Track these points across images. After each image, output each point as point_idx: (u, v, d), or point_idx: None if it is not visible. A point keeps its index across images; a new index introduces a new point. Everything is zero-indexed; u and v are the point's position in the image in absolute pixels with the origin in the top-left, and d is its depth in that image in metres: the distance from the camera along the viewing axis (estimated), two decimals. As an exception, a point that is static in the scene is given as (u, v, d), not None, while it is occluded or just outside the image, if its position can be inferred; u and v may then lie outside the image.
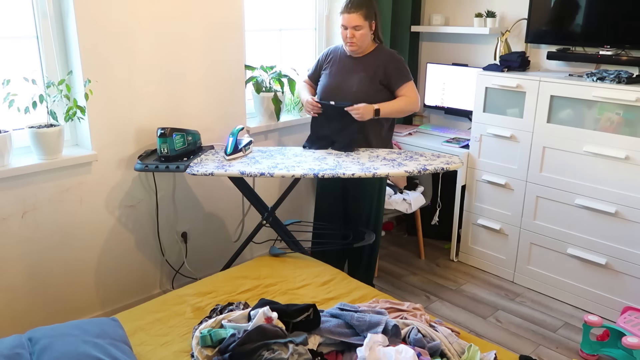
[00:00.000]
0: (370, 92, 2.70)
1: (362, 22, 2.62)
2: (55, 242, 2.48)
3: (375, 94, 2.70)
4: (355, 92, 2.70)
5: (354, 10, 2.61)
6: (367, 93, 2.69)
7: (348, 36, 2.66)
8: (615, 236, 2.75)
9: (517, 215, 3.13)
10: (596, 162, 2.75)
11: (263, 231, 2.85)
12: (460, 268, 3.42)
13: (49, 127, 2.33)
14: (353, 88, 2.71)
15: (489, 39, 3.46)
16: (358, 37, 2.65)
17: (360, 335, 1.74)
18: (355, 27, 2.62)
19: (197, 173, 2.39)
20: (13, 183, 2.30)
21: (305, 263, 2.46)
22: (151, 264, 2.87)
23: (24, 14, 2.33)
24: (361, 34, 2.64)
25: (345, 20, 2.64)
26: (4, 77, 2.26)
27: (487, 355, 1.72)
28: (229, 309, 1.95)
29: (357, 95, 2.68)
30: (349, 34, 2.65)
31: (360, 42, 2.67)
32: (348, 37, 2.66)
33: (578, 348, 2.61)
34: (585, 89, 2.73)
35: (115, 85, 2.51)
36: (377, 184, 2.89)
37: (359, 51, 2.72)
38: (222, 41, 2.86)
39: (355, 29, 2.63)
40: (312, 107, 2.71)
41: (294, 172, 2.37)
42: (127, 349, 1.67)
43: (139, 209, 2.75)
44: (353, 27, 2.63)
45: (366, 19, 2.63)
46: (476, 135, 3.22)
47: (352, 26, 2.62)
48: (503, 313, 2.93)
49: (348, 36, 2.66)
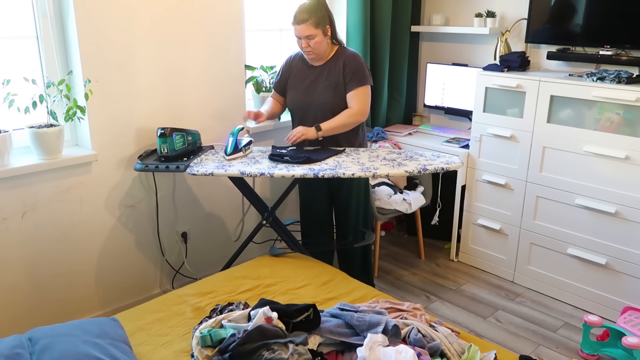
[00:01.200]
0: (337, 101, 2.67)
1: (314, 30, 2.56)
2: (55, 242, 2.48)
3: (343, 102, 2.68)
4: (322, 103, 2.68)
5: (302, 21, 2.54)
6: (335, 103, 2.67)
7: (303, 46, 2.61)
8: (615, 236, 2.75)
9: (517, 215, 3.13)
10: (596, 162, 2.75)
11: (263, 231, 2.85)
12: (460, 268, 3.42)
13: (49, 127, 2.33)
14: (319, 100, 2.69)
15: (489, 39, 3.46)
16: (313, 45, 2.59)
17: (360, 335, 1.74)
18: (308, 37, 2.57)
19: (197, 173, 2.39)
20: (13, 183, 2.30)
21: (305, 263, 2.46)
22: (151, 264, 2.87)
23: (24, 14, 2.33)
24: (315, 42, 2.58)
25: (297, 31, 2.58)
26: (4, 77, 2.26)
27: (487, 355, 1.72)
28: (229, 309, 1.95)
29: (325, 107, 2.66)
30: (304, 43, 2.59)
31: (316, 50, 2.62)
32: (303, 46, 2.61)
33: (578, 348, 2.61)
34: (585, 89, 2.73)
35: (115, 85, 2.51)
36: (360, 183, 2.88)
37: (318, 58, 2.68)
38: (222, 41, 2.86)
39: (308, 39, 2.58)
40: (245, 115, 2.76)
41: (294, 172, 2.37)
42: (127, 349, 1.67)
43: (139, 209, 2.75)
44: (306, 37, 2.57)
45: (317, 27, 2.56)
46: (476, 135, 3.22)
47: (304, 36, 2.57)
48: (503, 313, 2.93)
49: (303, 46, 2.61)
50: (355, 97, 2.66)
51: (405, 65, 3.71)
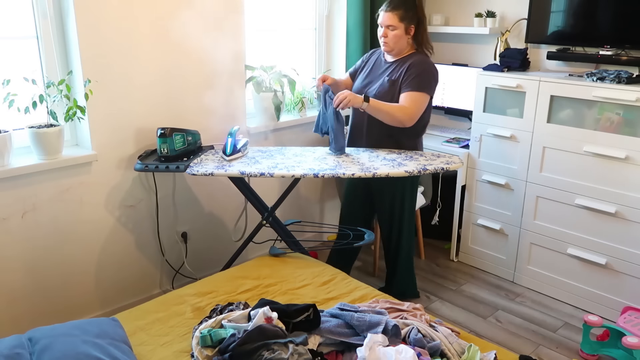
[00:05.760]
0: (389, 96, 2.61)
1: (397, 23, 2.55)
2: (55, 242, 2.48)
3: (393, 98, 2.62)
4: (375, 94, 2.64)
5: (390, 10, 2.55)
6: (386, 97, 2.61)
7: (382, 34, 2.61)
8: (615, 236, 2.75)
9: (517, 215, 3.13)
10: (596, 162, 2.75)
11: (263, 231, 2.85)
12: (460, 268, 3.42)
13: (49, 127, 2.33)
14: (374, 89, 2.67)
15: (489, 39, 3.46)
16: (390, 37, 2.59)
17: (360, 335, 1.74)
18: (389, 27, 2.57)
19: (197, 173, 2.39)
20: (13, 183, 2.30)
21: (305, 263, 2.46)
22: (151, 264, 2.87)
23: (24, 14, 2.33)
24: (394, 34, 2.58)
25: (381, 18, 2.60)
26: (4, 77, 2.26)
27: (487, 355, 1.72)
28: (229, 309, 1.94)
29: (378, 97, 2.62)
30: (383, 32, 2.60)
31: (392, 42, 2.60)
32: (382, 35, 2.61)
33: (578, 348, 2.61)
34: (585, 89, 2.73)
35: (115, 85, 2.51)
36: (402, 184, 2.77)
37: (392, 52, 2.66)
38: (222, 41, 2.86)
39: (388, 29, 2.57)
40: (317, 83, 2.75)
41: (294, 172, 2.37)
42: (127, 349, 1.68)
43: (139, 209, 2.75)
44: (387, 26, 2.57)
45: (402, 21, 2.56)
46: (476, 135, 3.22)
47: (386, 25, 2.57)
48: (503, 313, 2.93)
49: (382, 34, 2.61)
50: (408, 98, 2.57)
51: (405, 65, 3.70)
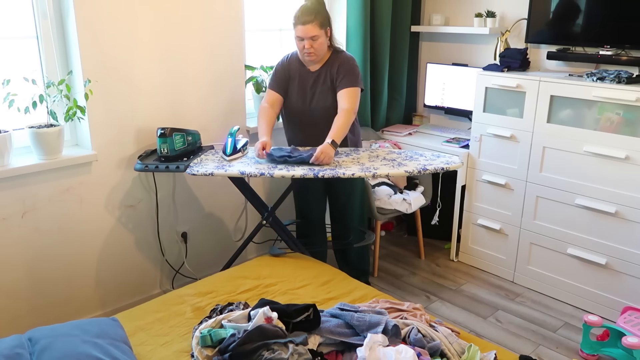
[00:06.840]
0: (336, 104, 2.65)
1: (319, 31, 2.53)
2: (55, 242, 2.48)
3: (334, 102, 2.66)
4: (322, 108, 2.67)
5: (308, 22, 2.50)
6: (334, 106, 2.64)
7: (306, 47, 2.55)
8: (615, 236, 2.75)
9: (517, 215, 3.13)
10: (596, 162, 2.75)
11: (263, 231, 2.85)
12: (460, 268, 3.42)
13: (49, 127, 2.33)
14: (320, 104, 2.68)
15: (489, 39, 3.46)
16: (317, 47, 2.56)
17: (360, 335, 1.74)
18: (313, 38, 2.53)
19: (197, 173, 2.39)
20: (13, 183, 2.30)
21: (305, 263, 2.46)
22: (151, 264, 2.87)
23: (24, 14, 2.33)
24: (319, 43, 2.56)
25: (300, 31, 2.52)
26: (4, 77, 2.26)
27: (487, 355, 1.72)
28: (229, 309, 1.95)
29: (326, 112, 2.65)
30: (307, 44, 2.54)
31: (318, 52, 2.59)
32: (306, 48, 2.55)
33: (578, 348, 2.61)
34: (585, 89, 2.73)
35: (115, 85, 2.51)
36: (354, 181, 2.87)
37: (318, 60, 2.65)
38: (222, 41, 2.86)
39: (312, 40, 2.53)
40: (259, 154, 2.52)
41: (294, 172, 2.37)
42: (127, 349, 1.68)
43: (139, 209, 2.75)
44: (310, 38, 2.53)
45: (322, 28, 2.54)
46: (476, 135, 3.22)
47: (309, 37, 2.53)
48: (503, 313, 2.93)
49: (306, 47, 2.55)
50: (346, 96, 2.62)
51: (405, 65, 3.71)
